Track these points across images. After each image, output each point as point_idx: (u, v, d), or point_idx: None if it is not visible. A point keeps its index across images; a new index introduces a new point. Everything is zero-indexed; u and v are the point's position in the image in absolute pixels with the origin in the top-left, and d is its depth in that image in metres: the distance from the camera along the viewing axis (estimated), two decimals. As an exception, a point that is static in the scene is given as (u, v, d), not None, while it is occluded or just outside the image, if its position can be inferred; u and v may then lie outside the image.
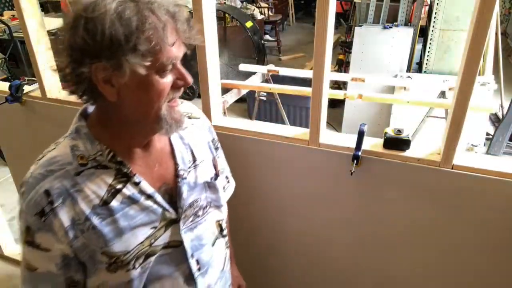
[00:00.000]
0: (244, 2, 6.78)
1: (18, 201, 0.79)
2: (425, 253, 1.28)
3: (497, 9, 2.90)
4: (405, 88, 3.33)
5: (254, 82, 3.11)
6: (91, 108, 0.84)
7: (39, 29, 1.50)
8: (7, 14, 4.96)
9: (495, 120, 3.93)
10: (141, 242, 0.81)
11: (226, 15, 4.88)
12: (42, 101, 1.62)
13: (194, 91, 4.91)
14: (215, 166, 1.00)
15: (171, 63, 0.73)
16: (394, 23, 3.58)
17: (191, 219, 0.89)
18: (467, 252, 1.22)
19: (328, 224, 1.38)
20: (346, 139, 1.24)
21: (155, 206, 0.82)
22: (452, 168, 1.12)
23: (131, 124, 0.78)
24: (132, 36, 0.66)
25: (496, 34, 3.45)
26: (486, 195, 1.11)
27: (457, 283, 1.28)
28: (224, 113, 2.66)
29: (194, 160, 0.93)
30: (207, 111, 1.34)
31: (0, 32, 4.52)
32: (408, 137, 1.16)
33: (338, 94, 2.56)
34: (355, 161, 1.17)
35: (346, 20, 6.12)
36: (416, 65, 4.06)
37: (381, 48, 3.56)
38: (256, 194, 1.42)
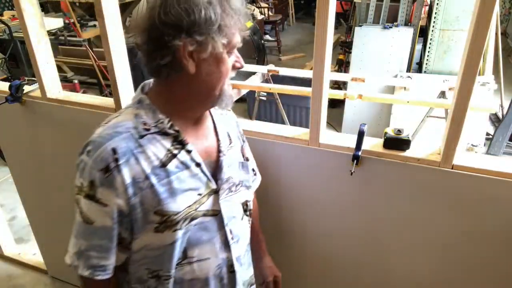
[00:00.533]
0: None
1: (80, 160, 0.85)
2: (425, 253, 1.28)
3: (497, 9, 2.90)
4: (405, 88, 3.32)
5: (254, 82, 3.11)
6: (148, 85, 0.94)
7: (39, 29, 1.50)
8: (7, 14, 4.95)
9: (495, 120, 3.93)
10: (190, 206, 0.90)
11: (226, 15, 4.87)
12: (42, 101, 1.62)
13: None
14: (242, 154, 1.09)
15: (236, 46, 0.86)
16: (394, 23, 3.58)
17: (226, 192, 0.97)
18: (467, 251, 1.22)
19: (327, 224, 1.38)
20: (346, 139, 1.24)
21: (201, 174, 0.91)
22: (452, 168, 1.12)
23: (196, 97, 0.89)
24: (220, 17, 0.79)
25: (496, 34, 3.45)
26: (486, 195, 1.11)
27: (457, 282, 1.28)
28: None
29: (230, 142, 1.03)
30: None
31: (0, 32, 4.52)
32: (408, 137, 1.16)
33: (338, 94, 2.56)
34: (355, 161, 1.17)
35: (346, 20, 6.12)
36: (416, 65, 4.06)
37: (381, 48, 3.55)
38: (256, 194, 1.42)
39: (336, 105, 4.19)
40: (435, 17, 3.28)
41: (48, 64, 1.57)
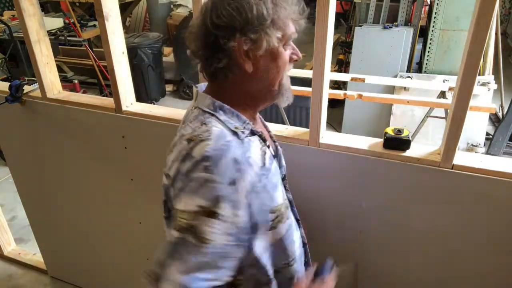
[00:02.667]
0: (244, 2, 6.78)
1: (194, 178, 0.75)
2: (425, 253, 1.28)
3: (497, 9, 2.90)
4: (405, 88, 3.33)
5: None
6: (203, 89, 0.93)
7: (39, 29, 1.50)
8: (7, 14, 4.95)
9: (495, 120, 3.93)
10: (285, 198, 0.94)
11: (226, 15, 4.88)
12: (42, 101, 1.62)
13: (194, 91, 4.91)
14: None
15: (291, 38, 0.84)
16: (394, 23, 3.58)
17: (287, 185, 1.02)
18: (467, 251, 1.22)
19: (326, 224, 1.38)
20: (346, 139, 1.24)
21: (278, 163, 0.95)
22: (452, 168, 1.12)
23: (256, 94, 0.88)
24: (272, 11, 0.78)
25: (496, 34, 3.44)
26: (486, 195, 1.11)
27: (457, 282, 1.28)
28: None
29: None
30: (207, 111, 1.34)
31: (0, 32, 4.52)
32: (408, 137, 1.16)
33: (338, 94, 2.56)
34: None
35: (346, 20, 6.11)
36: (416, 65, 4.06)
37: (381, 48, 3.55)
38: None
39: (336, 105, 4.19)
40: (435, 17, 3.28)
41: (48, 64, 1.57)
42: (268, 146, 0.91)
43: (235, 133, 0.82)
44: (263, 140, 0.90)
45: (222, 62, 0.81)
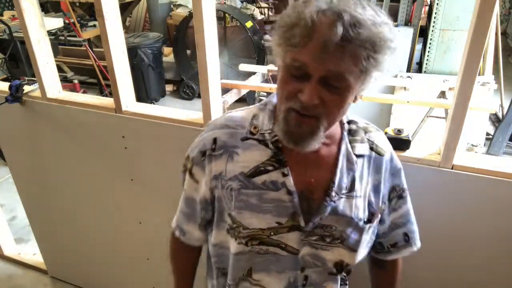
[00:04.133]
0: (244, 2, 6.77)
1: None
2: (424, 253, 1.28)
3: (497, 9, 2.89)
4: (405, 88, 3.32)
5: (254, 82, 3.11)
6: None
7: (39, 29, 1.50)
8: (7, 14, 4.95)
9: (495, 120, 3.93)
10: (262, 229, 0.84)
11: (226, 15, 4.87)
12: (42, 101, 1.62)
13: (194, 91, 4.91)
14: (372, 213, 0.88)
15: (296, 67, 0.69)
16: (394, 23, 3.57)
17: (315, 238, 0.85)
18: (467, 251, 1.22)
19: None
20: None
21: (289, 204, 0.82)
22: (452, 168, 1.12)
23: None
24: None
25: (496, 34, 3.44)
26: (486, 195, 1.11)
27: (456, 282, 1.28)
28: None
29: (351, 190, 0.85)
30: (207, 111, 1.34)
31: (0, 32, 4.52)
32: (408, 137, 1.16)
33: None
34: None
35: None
36: (416, 65, 4.06)
37: (381, 48, 3.55)
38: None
39: (336, 105, 4.18)
40: (435, 17, 3.28)
41: (48, 64, 1.57)
42: (286, 175, 0.81)
43: (244, 127, 0.85)
44: (278, 161, 0.81)
45: None
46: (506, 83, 3.91)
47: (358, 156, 0.85)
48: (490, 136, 3.23)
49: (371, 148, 0.88)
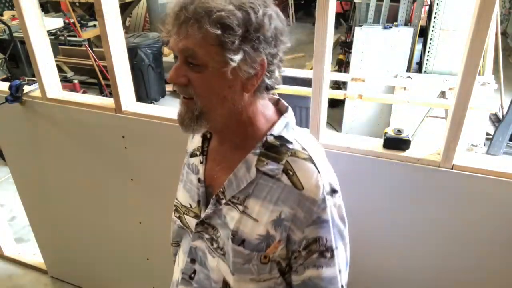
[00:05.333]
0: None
1: None
2: (424, 253, 1.28)
3: (497, 9, 2.90)
4: (405, 88, 3.32)
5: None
6: None
7: (39, 29, 1.50)
8: (7, 14, 4.95)
9: (495, 120, 3.93)
10: (182, 204, 0.92)
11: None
12: (42, 101, 1.62)
13: (194, 91, 4.91)
14: (267, 245, 0.80)
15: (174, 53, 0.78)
16: (394, 23, 3.58)
17: (208, 236, 0.86)
18: (467, 252, 1.22)
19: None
20: (346, 139, 1.24)
21: (197, 191, 0.88)
22: (452, 168, 1.12)
23: None
24: None
25: (496, 34, 3.44)
26: (486, 195, 1.11)
27: (456, 282, 1.28)
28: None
29: (241, 204, 0.81)
30: (207, 111, 1.34)
31: (0, 32, 4.52)
32: (408, 137, 1.16)
33: (338, 94, 2.56)
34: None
35: (346, 20, 6.12)
36: (416, 65, 4.06)
37: (381, 48, 3.55)
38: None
39: (336, 105, 4.19)
40: (435, 17, 3.28)
41: (48, 64, 1.57)
42: (201, 162, 0.89)
43: None
44: (202, 150, 0.90)
45: None
46: (506, 83, 3.91)
47: (264, 173, 0.78)
48: (490, 136, 3.23)
49: (287, 174, 0.78)
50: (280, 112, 0.85)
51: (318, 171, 0.78)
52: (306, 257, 0.80)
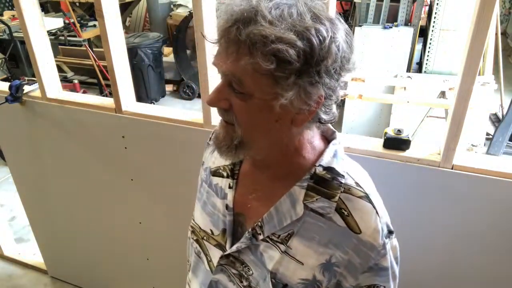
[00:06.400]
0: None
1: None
2: (424, 253, 1.28)
3: (497, 9, 2.89)
4: (405, 88, 3.32)
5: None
6: None
7: (39, 29, 1.50)
8: (7, 14, 4.95)
9: (495, 120, 3.93)
10: (200, 228, 0.84)
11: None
12: (42, 101, 1.62)
13: (194, 91, 4.91)
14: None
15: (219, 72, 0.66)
16: (394, 23, 3.58)
17: (235, 271, 0.77)
18: (467, 252, 1.22)
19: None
20: (346, 139, 1.24)
21: (223, 218, 0.78)
22: (452, 168, 1.12)
23: None
24: None
25: (496, 34, 3.44)
26: (486, 195, 1.11)
27: (456, 282, 1.28)
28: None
29: (283, 243, 0.71)
30: (207, 111, 1.34)
31: (0, 32, 4.52)
32: (408, 137, 1.16)
33: (338, 94, 2.55)
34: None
35: (346, 20, 6.08)
36: (416, 65, 4.06)
37: (381, 48, 3.55)
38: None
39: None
40: (435, 17, 3.28)
41: (48, 64, 1.57)
42: (231, 187, 0.79)
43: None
44: (232, 171, 0.80)
45: None
46: (506, 83, 3.91)
47: (312, 210, 0.70)
48: (490, 136, 3.23)
49: (340, 213, 0.69)
50: (326, 137, 0.76)
51: (377, 212, 0.70)
52: None
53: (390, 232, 0.73)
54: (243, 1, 0.60)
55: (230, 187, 0.78)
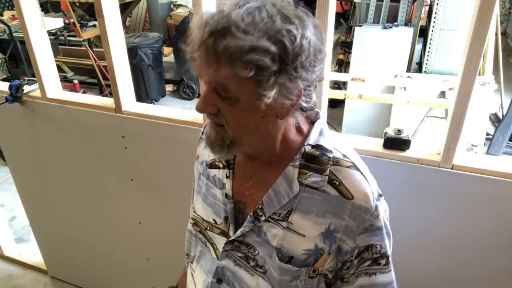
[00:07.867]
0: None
1: None
2: (424, 253, 1.28)
3: (497, 9, 2.90)
4: (405, 88, 3.32)
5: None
6: None
7: (39, 29, 1.50)
8: (7, 14, 4.95)
9: (495, 120, 3.93)
10: (203, 219, 0.88)
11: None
12: (42, 101, 1.62)
13: (194, 91, 4.91)
14: (316, 259, 0.76)
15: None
16: (394, 23, 3.58)
17: (240, 255, 0.82)
18: (467, 252, 1.22)
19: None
20: (346, 139, 1.24)
21: (224, 207, 0.83)
22: (452, 168, 1.12)
23: None
24: None
25: (496, 34, 3.44)
26: (486, 195, 1.11)
27: (456, 282, 1.28)
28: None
29: (284, 220, 0.76)
30: (207, 111, 1.34)
31: (0, 32, 4.52)
32: (408, 137, 1.16)
33: (338, 94, 2.56)
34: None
35: (346, 20, 6.12)
36: (416, 65, 4.06)
37: (381, 48, 3.55)
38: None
39: (336, 105, 4.19)
40: (435, 17, 3.28)
41: (48, 64, 1.57)
42: (228, 176, 0.83)
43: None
44: (227, 161, 0.84)
45: None
46: (506, 83, 3.91)
47: (307, 186, 0.75)
48: (490, 136, 3.23)
49: (332, 184, 0.75)
50: (309, 119, 0.81)
51: (365, 178, 0.76)
52: (358, 266, 0.77)
53: (379, 195, 0.78)
54: (216, 12, 0.63)
55: (227, 177, 0.83)
